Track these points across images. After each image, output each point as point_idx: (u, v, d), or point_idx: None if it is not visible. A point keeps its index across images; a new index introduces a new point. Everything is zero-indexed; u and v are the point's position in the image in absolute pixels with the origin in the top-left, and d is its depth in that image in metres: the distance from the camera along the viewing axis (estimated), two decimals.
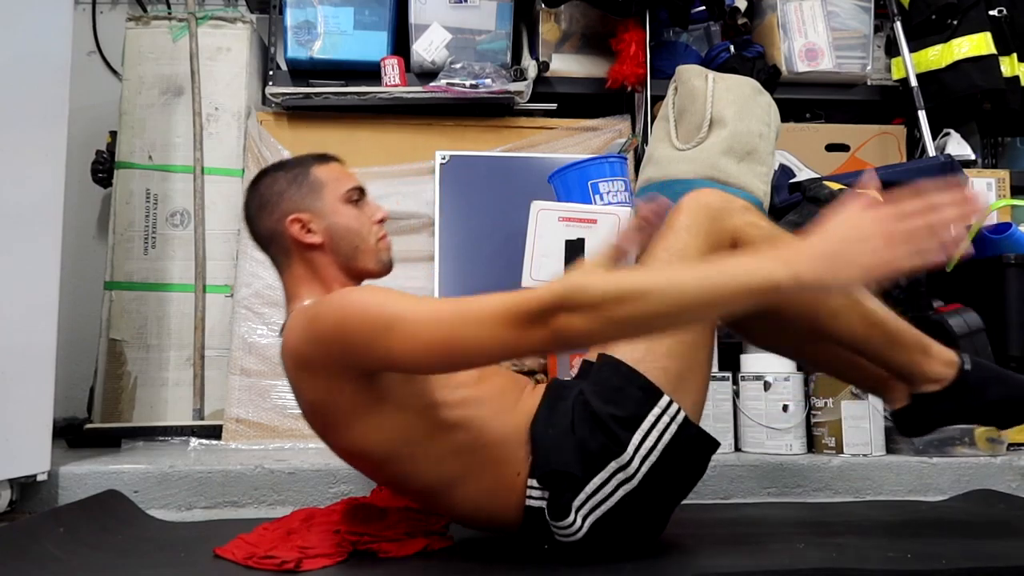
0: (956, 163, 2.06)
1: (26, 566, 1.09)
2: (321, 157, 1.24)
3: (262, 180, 1.21)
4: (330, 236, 1.17)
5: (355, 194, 1.21)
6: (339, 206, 1.19)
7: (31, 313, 1.51)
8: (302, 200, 1.18)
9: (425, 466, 1.07)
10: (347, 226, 1.18)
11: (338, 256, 1.18)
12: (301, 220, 1.17)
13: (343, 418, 1.05)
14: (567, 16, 2.43)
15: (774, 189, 2.06)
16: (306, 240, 1.17)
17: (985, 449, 1.69)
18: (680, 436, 1.06)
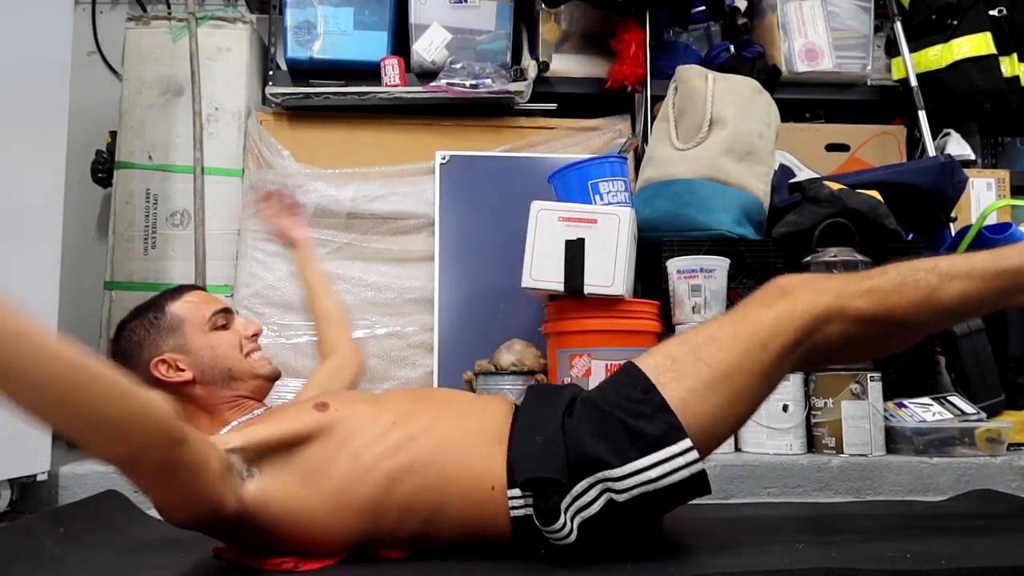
0: (956, 163, 2.06)
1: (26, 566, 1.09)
2: (175, 292, 1.21)
3: (120, 335, 1.17)
4: (199, 369, 1.14)
5: (219, 319, 1.18)
6: (203, 337, 1.16)
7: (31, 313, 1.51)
8: (163, 342, 1.14)
9: (396, 523, 1.05)
10: (213, 354, 1.15)
11: (214, 385, 1.15)
12: (166, 362, 1.13)
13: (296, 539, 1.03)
14: (567, 16, 2.43)
15: (774, 189, 2.06)
16: (177, 379, 1.13)
17: (985, 449, 1.69)
18: (687, 481, 1.02)
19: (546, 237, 1.81)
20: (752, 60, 2.37)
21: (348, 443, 1.06)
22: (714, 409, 1.05)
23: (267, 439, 1.04)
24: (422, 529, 1.06)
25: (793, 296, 1.09)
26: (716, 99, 2.02)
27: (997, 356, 1.87)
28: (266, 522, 1.01)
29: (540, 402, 1.17)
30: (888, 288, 1.08)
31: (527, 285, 1.81)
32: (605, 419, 1.05)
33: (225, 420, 1.15)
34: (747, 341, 1.07)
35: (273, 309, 2.16)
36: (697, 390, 1.05)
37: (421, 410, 1.14)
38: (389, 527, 1.05)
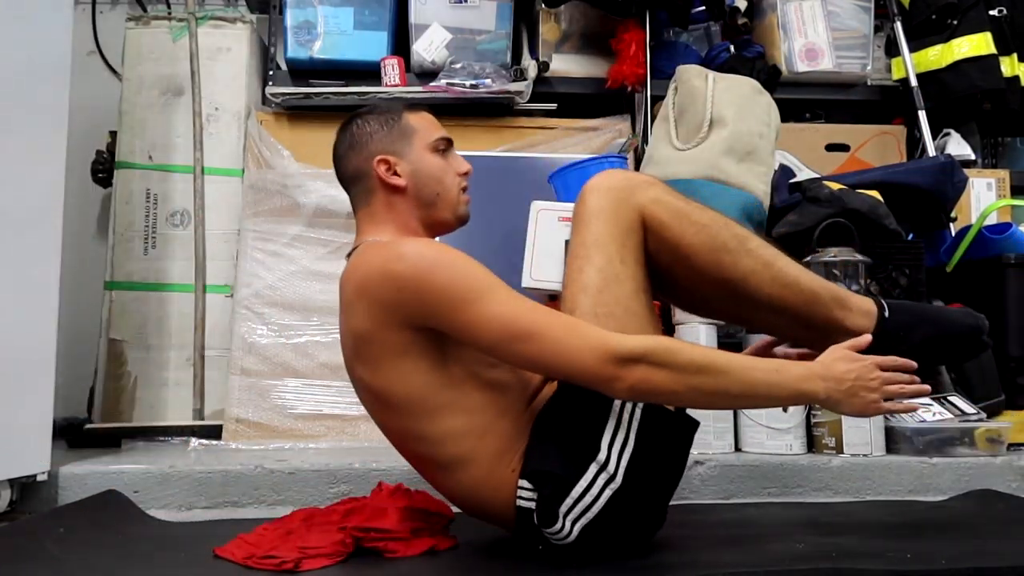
0: (956, 163, 2.06)
1: (26, 566, 1.09)
2: (413, 106, 1.27)
3: (354, 121, 1.23)
4: (414, 181, 1.19)
5: (442, 143, 1.22)
6: (426, 154, 1.20)
7: (31, 313, 1.51)
8: (392, 143, 1.20)
9: (433, 434, 1.08)
10: (431, 173, 1.20)
11: (419, 201, 1.19)
12: (388, 162, 1.18)
13: (377, 355, 1.07)
14: (567, 16, 2.43)
15: (774, 189, 2.06)
16: (391, 181, 1.18)
17: (985, 449, 1.69)
18: (648, 418, 1.05)
19: (546, 237, 1.81)
20: (752, 60, 2.37)
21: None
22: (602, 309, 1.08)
23: None
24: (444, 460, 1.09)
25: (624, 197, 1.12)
26: (716, 99, 2.02)
27: (997, 356, 1.87)
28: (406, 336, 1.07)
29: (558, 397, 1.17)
30: (693, 218, 1.13)
31: (527, 285, 1.81)
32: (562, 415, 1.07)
33: (411, 233, 1.18)
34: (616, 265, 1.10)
35: (273, 309, 2.16)
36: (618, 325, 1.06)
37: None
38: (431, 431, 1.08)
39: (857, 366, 1.08)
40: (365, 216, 1.21)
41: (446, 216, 1.22)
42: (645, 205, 1.12)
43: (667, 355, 0.99)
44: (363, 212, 1.21)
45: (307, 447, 1.89)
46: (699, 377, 1.00)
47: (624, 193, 1.12)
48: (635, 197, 1.12)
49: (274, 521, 1.26)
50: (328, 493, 1.55)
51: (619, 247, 1.10)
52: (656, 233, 1.12)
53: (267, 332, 2.13)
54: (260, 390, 2.06)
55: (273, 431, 2.01)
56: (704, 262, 1.13)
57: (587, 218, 1.13)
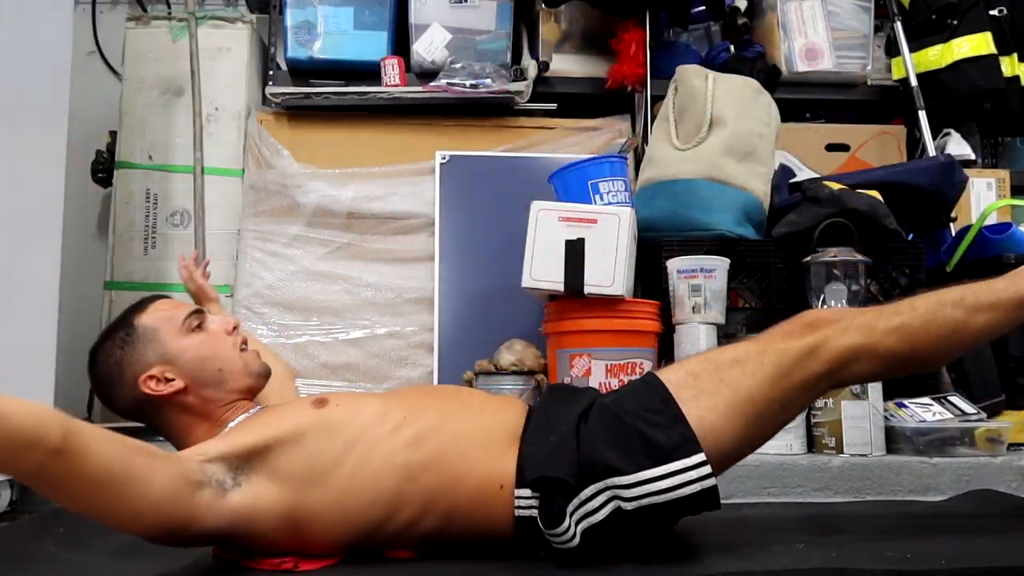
0: (956, 163, 2.06)
1: (26, 566, 1.09)
2: (140, 306, 1.16)
3: (96, 359, 1.13)
4: (188, 375, 1.10)
5: (193, 321, 1.14)
6: (182, 341, 1.11)
7: (31, 313, 1.51)
8: (144, 357, 1.10)
9: (407, 523, 1.04)
10: (200, 356, 1.11)
11: (208, 388, 1.11)
12: (153, 376, 1.09)
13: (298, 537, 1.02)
14: (567, 16, 2.43)
15: (774, 189, 2.06)
16: (167, 391, 1.09)
17: (985, 449, 1.69)
18: (697, 495, 1.02)
19: (546, 237, 1.80)
20: (752, 60, 2.37)
21: (356, 441, 1.04)
22: (732, 431, 1.06)
23: (258, 441, 1.01)
24: (432, 527, 1.05)
25: (823, 331, 1.09)
26: (716, 99, 2.02)
27: (997, 356, 1.87)
28: (256, 530, 1.00)
29: (556, 403, 1.17)
30: (917, 326, 1.10)
31: (527, 285, 1.81)
32: (621, 427, 1.05)
33: (223, 422, 1.11)
34: (772, 368, 1.07)
35: (273, 309, 2.16)
36: (717, 409, 1.05)
37: (432, 406, 1.13)
38: (399, 526, 1.04)
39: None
40: (179, 437, 1.12)
41: (243, 383, 1.14)
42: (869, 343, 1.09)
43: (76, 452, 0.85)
44: (175, 435, 1.12)
45: None
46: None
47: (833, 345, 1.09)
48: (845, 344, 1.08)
49: None
50: None
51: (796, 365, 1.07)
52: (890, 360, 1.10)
53: (267, 332, 2.13)
54: None
55: None
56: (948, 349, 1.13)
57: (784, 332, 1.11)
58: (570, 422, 1.08)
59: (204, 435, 1.09)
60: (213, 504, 0.96)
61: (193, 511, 0.94)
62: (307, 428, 1.04)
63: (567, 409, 1.12)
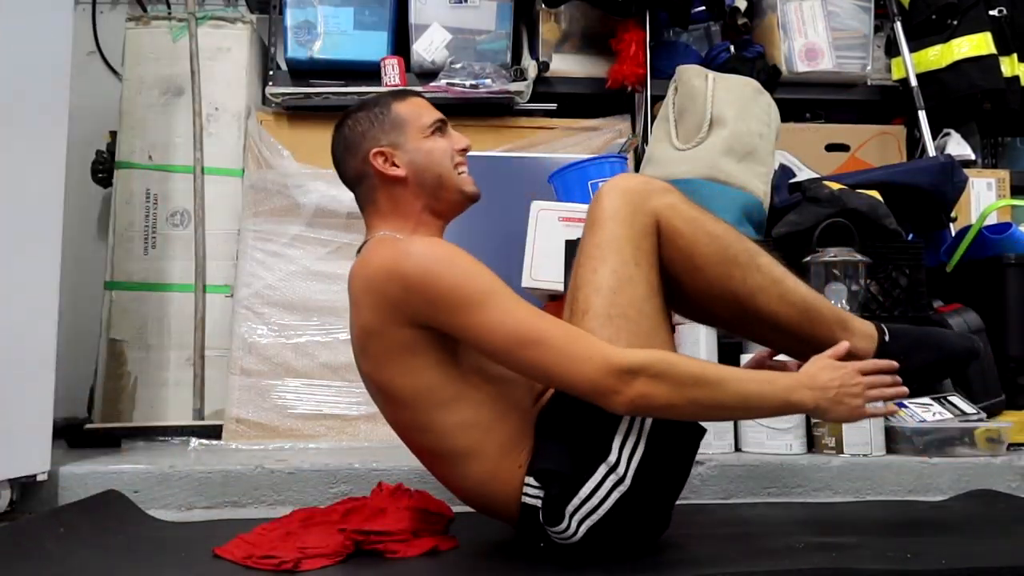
0: (956, 163, 2.06)
1: (26, 566, 1.09)
2: (400, 93, 1.26)
3: (344, 123, 1.24)
4: (413, 169, 1.19)
5: (436, 125, 1.22)
6: (421, 140, 1.20)
7: (31, 313, 1.51)
8: (385, 136, 1.20)
9: (440, 427, 1.08)
10: (429, 157, 1.20)
11: (423, 188, 1.19)
12: (384, 154, 1.18)
13: (383, 351, 1.08)
14: (567, 16, 2.43)
15: (774, 189, 2.06)
16: (390, 173, 1.18)
17: (985, 449, 1.69)
18: (659, 422, 1.06)
19: (546, 237, 1.81)
20: (752, 60, 2.37)
21: None
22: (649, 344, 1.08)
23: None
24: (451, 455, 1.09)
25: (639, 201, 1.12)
26: (716, 99, 2.02)
27: (997, 356, 1.87)
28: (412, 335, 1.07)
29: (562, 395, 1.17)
30: (707, 228, 1.13)
31: (527, 285, 1.81)
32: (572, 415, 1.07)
33: (421, 224, 1.19)
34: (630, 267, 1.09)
35: (273, 309, 2.16)
36: (632, 344, 1.06)
37: None
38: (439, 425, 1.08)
39: (840, 373, 1.09)
40: (372, 213, 1.21)
41: (453, 197, 1.22)
42: (661, 210, 1.12)
43: (666, 367, 1.00)
44: (370, 209, 1.22)
45: (307, 447, 1.88)
46: (696, 390, 1.01)
47: (641, 196, 1.12)
48: (652, 201, 1.12)
49: (274, 521, 1.26)
50: (328, 493, 1.55)
51: (634, 249, 1.10)
52: (670, 240, 1.12)
53: (267, 332, 2.13)
54: (260, 390, 2.06)
55: (273, 431, 2.01)
56: (714, 274, 1.13)
57: (602, 219, 1.12)
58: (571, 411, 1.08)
59: (398, 229, 1.18)
60: None
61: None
62: None
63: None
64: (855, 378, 1.10)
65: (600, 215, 1.13)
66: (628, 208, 1.11)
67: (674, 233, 1.12)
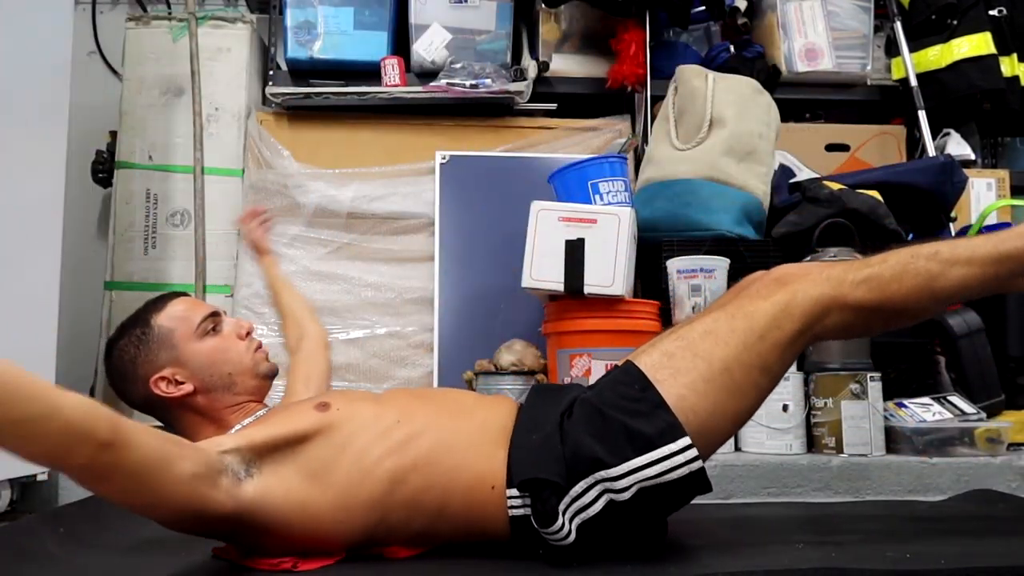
0: (956, 163, 2.06)
1: (26, 566, 1.09)
2: (159, 303, 1.18)
3: (112, 354, 1.15)
4: (199, 378, 1.13)
5: (208, 324, 1.16)
6: (194, 346, 1.14)
7: (31, 313, 1.51)
8: (156, 358, 1.12)
9: (401, 522, 1.05)
10: (211, 361, 1.14)
11: (217, 391, 1.14)
12: (165, 377, 1.12)
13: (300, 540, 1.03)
14: (567, 16, 2.43)
15: (774, 189, 2.06)
16: (178, 394, 1.12)
17: (985, 449, 1.69)
18: (686, 478, 1.02)
19: (546, 237, 1.81)
20: (752, 60, 2.37)
21: (351, 442, 1.06)
22: (713, 405, 1.04)
23: (267, 439, 1.03)
24: (426, 527, 1.06)
25: (791, 287, 1.08)
26: (716, 99, 2.02)
27: (997, 356, 1.87)
28: (268, 521, 1.01)
29: (541, 402, 1.17)
30: (888, 277, 1.07)
31: (527, 285, 1.81)
32: (603, 419, 1.05)
33: (230, 425, 1.14)
34: (744, 334, 1.06)
35: (273, 309, 2.15)
36: (695, 386, 1.04)
37: (423, 408, 1.14)
38: (393, 525, 1.06)
39: None
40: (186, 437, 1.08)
41: (249, 385, 1.16)
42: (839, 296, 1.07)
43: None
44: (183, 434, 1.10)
45: None
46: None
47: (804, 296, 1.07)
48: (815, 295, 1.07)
49: None
50: None
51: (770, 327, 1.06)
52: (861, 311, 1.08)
53: (267, 332, 2.13)
54: None
55: None
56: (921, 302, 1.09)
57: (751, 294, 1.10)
58: (553, 420, 1.08)
59: (211, 436, 1.10)
60: (232, 490, 0.98)
61: (215, 495, 0.96)
62: (310, 430, 1.06)
63: (551, 407, 1.12)
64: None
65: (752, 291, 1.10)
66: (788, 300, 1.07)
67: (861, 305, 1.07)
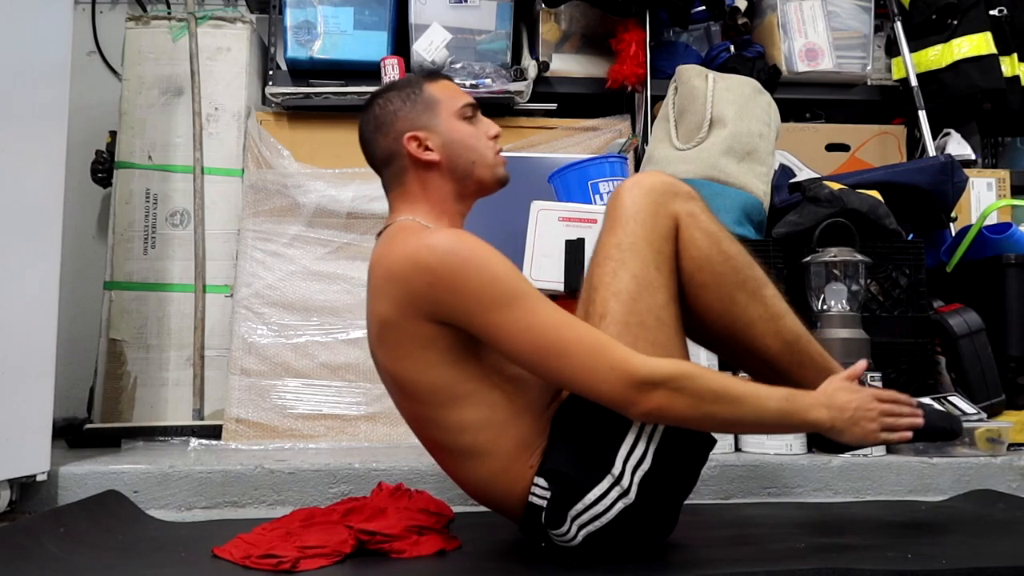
0: (956, 163, 2.06)
1: (26, 566, 1.09)
2: (432, 75, 1.24)
3: (375, 102, 1.20)
4: (446, 153, 1.16)
5: (469, 110, 1.20)
6: (454, 122, 1.17)
7: (31, 313, 1.51)
8: (418, 118, 1.16)
9: (455, 424, 1.06)
10: (463, 142, 1.17)
11: (454, 173, 1.17)
12: (418, 138, 1.15)
13: (400, 343, 1.05)
14: (567, 16, 2.43)
15: (774, 189, 2.06)
16: (424, 157, 1.15)
17: (985, 449, 1.69)
18: (669, 438, 1.04)
19: (546, 237, 1.81)
20: (752, 60, 2.37)
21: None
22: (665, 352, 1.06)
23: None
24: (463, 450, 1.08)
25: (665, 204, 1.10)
26: (716, 99, 2.02)
27: (997, 356, 1.87)
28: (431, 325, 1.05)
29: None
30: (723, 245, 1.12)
31: None
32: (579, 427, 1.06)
33: (446, 212, 1.17)
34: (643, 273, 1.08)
35: (273, 309, 2.16)
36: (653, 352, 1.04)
37: None
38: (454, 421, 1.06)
39: (857, 396, 1.08)
40: (399, 196, 1.19)
41: (485, 181, 1.19)
42: (682, 217, 1.11)
43: (688, 381, 0.99)
44: (397, 192, 1.19)
45: (307, 447, 1.88)
46: (715, 405, 1.00)
47: (664, 197, 1.11)
48: (674, 204, 1.11)
49: (273, 521, 1.26)
50: (328, 493, 1.55)
51: (655, 253, 1.08)
52: (684, 250, 1.11)
53: (267, 332, 2.13)
54: (260, 390, 2.06)
55: (273, 431, 2.01)
56: (718, 295, 1.12)
57: (623, 218, 1.10)
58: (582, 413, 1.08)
59: (423, 215, 1.15)
60: None
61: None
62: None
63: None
64: (871, 403, 1.09)
65: (621, 213, 1.11)
66: (650, 208, 1.10)
67: (690, 243, 1.11)
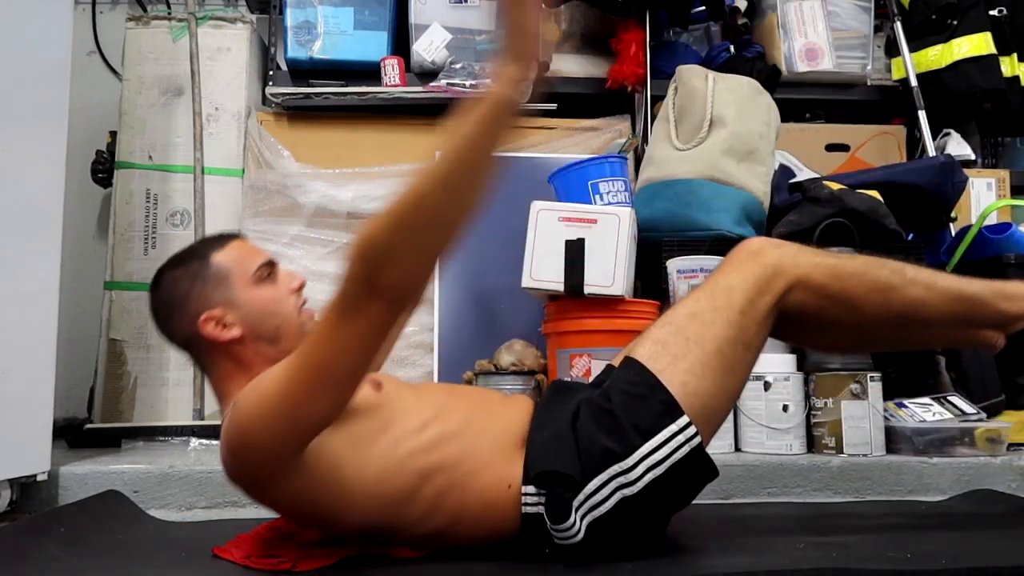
0: (956, 163, 2.06)
1: (26, 566, 1.09)
2: (218, 240, 1.15)
3: (162, 282, 1.12)
4: (248, 323, 1.09)
5: (265, 271, 1.13)
6: (251, 291, 1.11)
7: (31, 313, 1.51)
8: (211, 295, 1.09)
9: (418, 520, 1.04)
10: (263, 309, 1.11)
11: (262, 339, 1.10)
12: (214, 317, 1.08)
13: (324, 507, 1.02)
14: (567, 16, 2.43)
15: (774, 189, 2.06)
16: (224, 338, 1.08)
17: (985, 449, 1.69)
18: (689, 459, 1.04)
19: (546, 237, 1.81)
20: (752, 60, 2.37)
21: (392, 426, 1.05)
22: (712, 385, 1.08)
23: None
24: (441, 528, 1.06)
25: (762, 260, 1.12)
26: (716, 99, 2.02)
27: (997, 356, 1.86)
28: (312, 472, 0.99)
29: (555, 401, 1.17)
30: (850, 271, 1.14)
31: (527, 285, 1.81)
32: (610, 415, 1.06)
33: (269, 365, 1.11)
34: (727, 312, 1.09)
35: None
36: (694, 370, 1.07)
37: (458, 406, 1.13)
38: (410, 522, 1.05)
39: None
40: (218, 381, 1.12)
41: (293, 341, 1.10)
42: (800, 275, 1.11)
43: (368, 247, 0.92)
44: (214, 378, 1.12)
45: None
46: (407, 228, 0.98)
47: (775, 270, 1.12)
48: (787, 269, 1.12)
49: (273, 521, 1.26)
50: None
51: (747, 302, 1.10)
52: (817, 294, 1.12)
53: None
54: None
55: None
56: (874, 310, 1.14)
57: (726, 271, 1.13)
58: (566, 419, 1.09)
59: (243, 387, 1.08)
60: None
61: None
62: (362, 404, 1.05)
63: (563, 406, 1.12)
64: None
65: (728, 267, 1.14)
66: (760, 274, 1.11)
67: (820, 288, 1.12)
